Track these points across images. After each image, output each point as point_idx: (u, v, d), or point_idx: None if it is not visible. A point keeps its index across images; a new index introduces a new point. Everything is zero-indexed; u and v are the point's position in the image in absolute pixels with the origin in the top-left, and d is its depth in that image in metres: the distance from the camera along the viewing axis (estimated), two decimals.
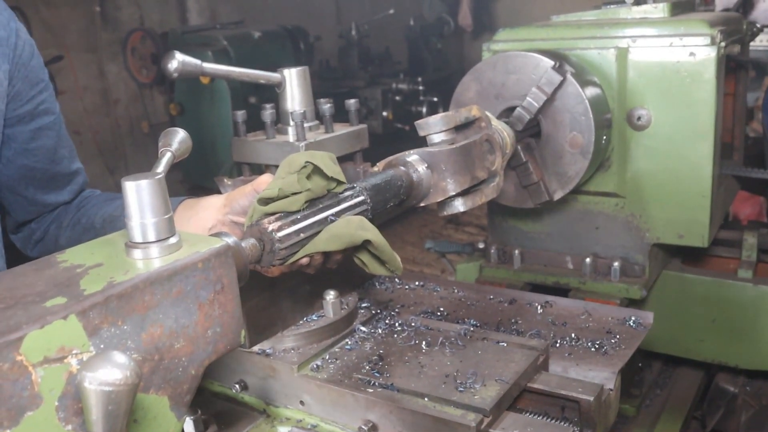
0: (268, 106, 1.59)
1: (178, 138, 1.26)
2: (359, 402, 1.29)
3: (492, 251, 2.36)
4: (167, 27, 6.26)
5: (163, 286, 0.89)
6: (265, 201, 1.18)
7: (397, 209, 1.39)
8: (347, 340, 1.51)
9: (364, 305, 1.68)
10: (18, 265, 0.93)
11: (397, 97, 6.39)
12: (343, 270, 1.66)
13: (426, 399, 1.26)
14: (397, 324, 1.57)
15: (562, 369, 1.45)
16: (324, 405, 1.34)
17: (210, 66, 1.45)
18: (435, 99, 6.40)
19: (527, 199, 1.99)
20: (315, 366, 1.41)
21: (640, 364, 2.44)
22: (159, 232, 0.93)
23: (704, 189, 1.99)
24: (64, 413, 0.79)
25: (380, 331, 1.55)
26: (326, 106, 1.60)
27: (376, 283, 1.86)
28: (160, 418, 0.91)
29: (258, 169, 1.67)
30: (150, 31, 6.08)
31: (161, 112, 6.41)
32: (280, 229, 1.12)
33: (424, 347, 1.45)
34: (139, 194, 0.92)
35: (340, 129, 1.64)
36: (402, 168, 1.34)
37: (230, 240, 1.02)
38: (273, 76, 1.58)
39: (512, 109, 1.89)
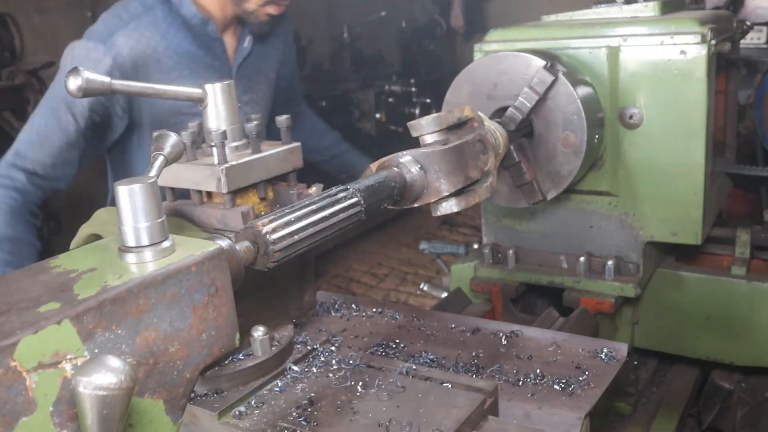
0: (190, 124, 1.43)
1: (171, 142, 1.25)
2: None
3: (486, 252, 2.36)
4: None
5: (157, 289, 0.89)
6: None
7: (391, 211, 1.38)
8: (277, 381, 1.34)
9: (300, 340, 1.50)
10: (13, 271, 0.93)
11: (390, 99, 6.36)
12: (278, 301, 1.50)
13: None
14: (333, 361, 1.41)
15: (524, 413, 1.33)
16: None
17: (120, 83, 1.28)
18: (428, 100, 6.39)
19: (521, 198, 1.99)
20: (237, 413, 1.25)
21: (635, 363, 2.44)
22: (152, 236, 0.93)
23: (697, 187, 2.00)
24: (59, 418, 0.79)
25: (315, 369, 1.38)
26: (252, 124, 1.42)
27: (332, 311, 1.73)
28: (155, 423, 0.91)
29: (184, 194, 1.48)
30: None
31: None
32: (274, 231, 1.12)
33: (360, 390, 1.30)
34: (132, 198, 0.92)
35: (269, 148, 1.47)
36: (395, 169, 1.34)
37: (224, 243, 1.03)
38: (194, 92, 1.42)
39: (505, 109, 1.89)
